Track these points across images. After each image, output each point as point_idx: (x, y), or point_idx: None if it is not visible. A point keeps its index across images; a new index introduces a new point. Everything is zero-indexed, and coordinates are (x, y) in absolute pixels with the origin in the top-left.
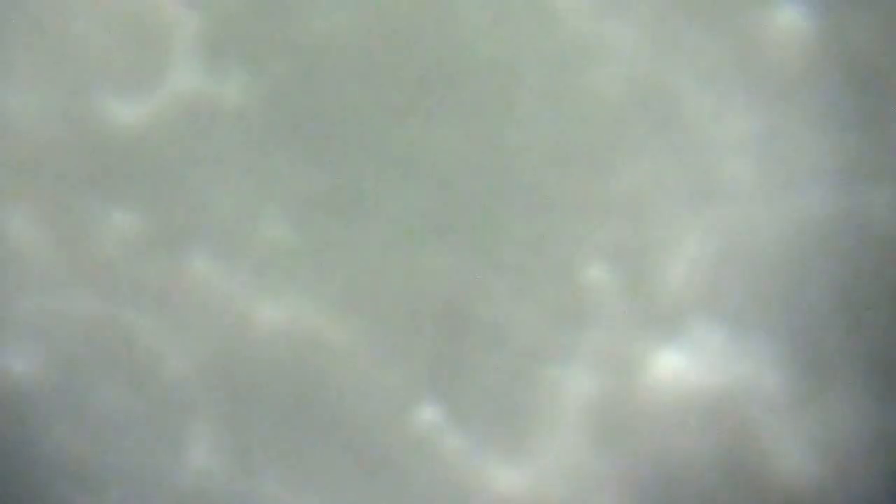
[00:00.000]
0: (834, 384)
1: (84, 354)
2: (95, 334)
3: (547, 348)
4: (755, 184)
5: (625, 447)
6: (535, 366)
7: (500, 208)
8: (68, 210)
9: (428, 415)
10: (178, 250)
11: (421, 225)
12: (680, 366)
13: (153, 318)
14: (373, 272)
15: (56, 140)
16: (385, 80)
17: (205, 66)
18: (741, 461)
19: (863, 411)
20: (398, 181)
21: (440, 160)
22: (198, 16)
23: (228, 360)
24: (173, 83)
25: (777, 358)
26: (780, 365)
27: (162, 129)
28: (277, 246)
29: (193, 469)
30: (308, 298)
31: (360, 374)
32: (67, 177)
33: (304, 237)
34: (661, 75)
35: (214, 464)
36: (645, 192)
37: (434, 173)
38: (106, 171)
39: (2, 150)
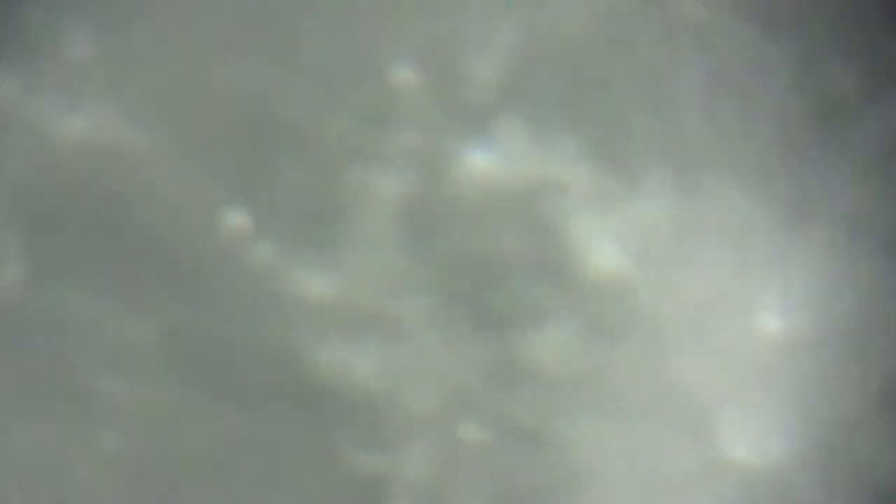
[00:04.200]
0: (640, 181)
1: None
2: None
3: (354, 149)
4: None
5: (434, 247)
6: (342, 168)
7: (302, 8)
8: None
9: (235, 222)
10: None
11: (220, 30)
12: (488, 164)
13: None
14: (174, 81)
15: None
16: None
17: None
18: (548, 258)
19: (668, 206)
20: None
21: None
22: None
23: (33, 176)
24: None
25: (583, 154)
26: (587, 161)
27: None
28: (77, 60)
29: (1, 286)
30: (110, 111)
31: (164, 185)
32: None
33: (103, 50)
34: None
35: (23, 280)
36: None
37: None
38: None
39: None
